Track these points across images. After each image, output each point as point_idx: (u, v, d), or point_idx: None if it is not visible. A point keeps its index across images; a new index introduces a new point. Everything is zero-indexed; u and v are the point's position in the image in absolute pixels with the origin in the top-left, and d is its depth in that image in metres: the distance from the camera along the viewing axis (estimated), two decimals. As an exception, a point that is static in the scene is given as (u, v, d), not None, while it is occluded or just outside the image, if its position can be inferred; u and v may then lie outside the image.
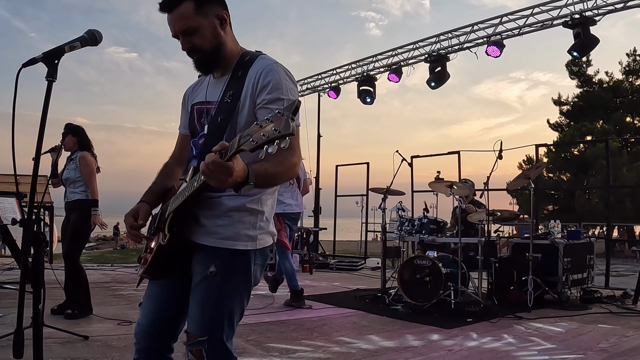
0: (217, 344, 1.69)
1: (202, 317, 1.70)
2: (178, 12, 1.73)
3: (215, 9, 1.78)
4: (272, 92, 1.68)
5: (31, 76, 4.40)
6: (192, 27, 1.73)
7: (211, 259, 1.71)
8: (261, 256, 1.80)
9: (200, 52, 1.77)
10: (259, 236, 1.77)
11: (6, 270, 7.30)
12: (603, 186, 15.18)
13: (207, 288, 1.71)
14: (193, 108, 1.90)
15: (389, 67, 10.79)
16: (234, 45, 1.85)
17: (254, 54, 1.84)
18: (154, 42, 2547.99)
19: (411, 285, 5.81)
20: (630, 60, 23.15)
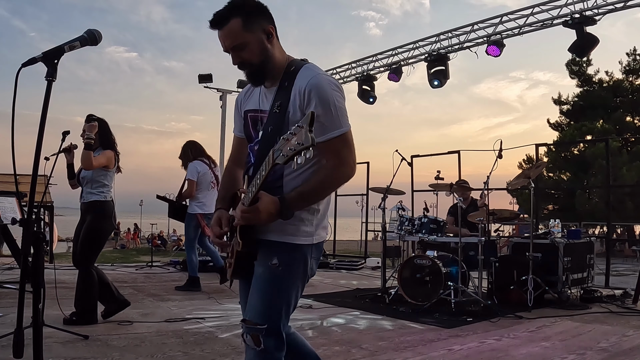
0: (274, 331, 1.82)
1: (262, 305, 1.83)
2: (227, 29, 1.83)
3: (262, 24, 1.87)
4: (319, 105, 1.78)
5: (31, 76, 4.38)
6: (241, 42, 1.83)
7: (274, 253, 1.85)
8: (317, 250, 1.96)
9: (250, 66, 1.87)
10: (316, 232, 1.93)
11: (6, 270, 7.30)
12: (603, 186, 15.18)
13: (268, 279, 1.85)
14: (247, 115, 2.02)
15: (388, 66, 10.78)
16: (281, 56, 1.94)
17: (299, 64, 1.92)
18: (154, 41, 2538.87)
19: (411, 284, 5.81)
20: (630, 60, 23.19)
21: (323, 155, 1.85)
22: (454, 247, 6.10)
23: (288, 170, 1.83)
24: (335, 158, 1.82)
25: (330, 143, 1.81)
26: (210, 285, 6.91)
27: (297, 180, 1.85)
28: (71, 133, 4.25)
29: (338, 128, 1.81)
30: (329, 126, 1.80)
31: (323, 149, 1.81)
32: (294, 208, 1.78)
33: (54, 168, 3.99)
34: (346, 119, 1.85)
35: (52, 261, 9.39)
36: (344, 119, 1.84)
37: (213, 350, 3.78)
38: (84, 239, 4.47)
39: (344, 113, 1.85)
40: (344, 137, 1.83)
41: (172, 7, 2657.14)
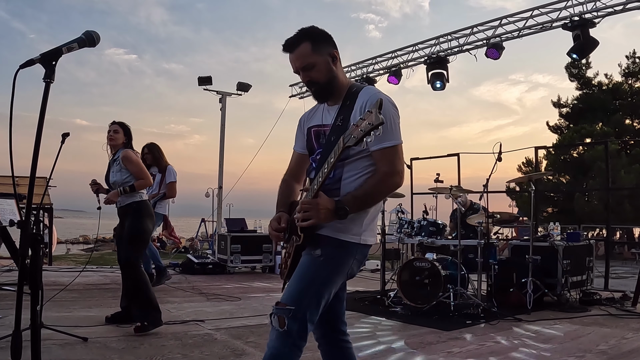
0: (300, 317, 1.90)
1: (295, 289, 1.95)
2: (298, 52, 2.07)
3: (328, 48, 2.11)
4: None
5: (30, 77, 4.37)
6: (310, 63, 2.07)
7: (320, 244, 1.99)
8: (361, 252, 2.09)
9: (317, 85, 2.11)
10: (364, 233, 2.06)
11: (5, 272, 7.29)
12: (602, 188, 15.17)
13: (308, 265, 1.98)
14: (310, 130, 2.23)
15: (388, 69, 10.80)
16: (344, 78, 2.18)
17: (360, 86, 2.15)
18: (154, 43, 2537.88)
19: (410, 287, 5.80)
20: (629, 63, 23.20)
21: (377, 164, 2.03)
22: (454, 249, 6.09)
23: (346, 174, 2.03)
24: (388, 166, 2.00)
25: (385, 151, 2.00)
26: (209, 288, 6.91)
27: (354, 184, 2.02)
28: (70, 135, 4.20)
29: (392, 140, 2.00)
30: (385, 137, 1.97)
31: (378, 157, 2.01)
32: (350, 209, 1.92)
33: (53, 170, 3.95)
34: (399, 135, 2.05)
35: (51, 263, 9.39)
36: (398, 133, 2.03)
37: (212, 352, 3.77)
38: (128, 241, 4.40)
39: (398, 128, 2.05)
40: (397, 148, 2.02)
41: (172, 9, 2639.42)
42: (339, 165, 2.01)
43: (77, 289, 6.62)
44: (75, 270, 8.62)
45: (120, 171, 4.50)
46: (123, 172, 4.49)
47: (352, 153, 2.01)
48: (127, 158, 4.51)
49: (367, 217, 2.07)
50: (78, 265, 10.52)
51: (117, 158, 4.58)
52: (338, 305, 2.22)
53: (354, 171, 2.04)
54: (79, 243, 28.58)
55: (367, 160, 2.04)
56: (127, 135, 4.69)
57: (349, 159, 2.03)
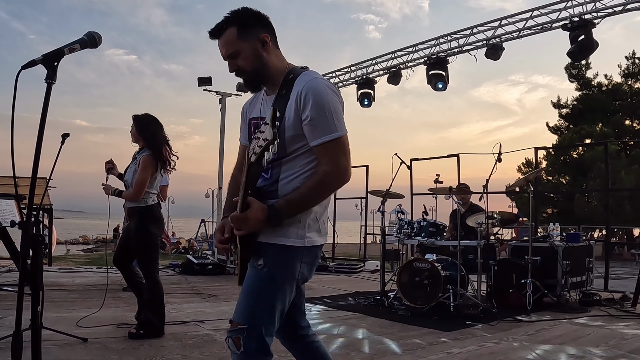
0: (255, 334, 1.79)
1: (244, 306, 1.82)
2: (223, 38, 1.90)
3: (257, 32, 1.91)
4: (314, 108, 1.80)
5: (31, 78, 4.37)
6: (235, 51, 1.90)
7: (261, 254, 1.84)
8: (309, 254, 1.91)
9: (245, 73, 1.93)
10: (307, 234, 1.87)
11: (5, 273, 7.29)
12: (602, 189, 15.18)
13: (253, 279, 1.84)
14: (250, 122, 2.05)
15: (388, 69, 10.80)
16: (279, 63, 1.96)
17: (298, 71, 1.94)
18: (154, 44, 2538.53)
19: (410, 288, 5.81)
20: (629, 63, 23.19)
21: (318, 161, 1.85)
22: (453, 250, 6.10)
23: (284, 174, 1.86)
24: (329, 163, 1.81)
25: (326, 147, 1.81)
26: (208, 288, 6.91)
27: (291, 185, 1.85)
28: (70, 135, 4.15)
29: (333, 132, 1.81)
30: (324, 130, 1.81)
31: (318, 153, 1.83)
32: (283, 216, 1.78)
33: (53, 170, 3.94)
34: (342, 124, 1.85)
35: (50, 264, 9.39)
36: (339, 123, 1.84)
37: (212, 353, 3.77)
38: (137, 251, 4.28)
39: (340, 117, 1.85)
40: (338, 141, 1.82)
41: (172, 10, 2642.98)
42: (275, 165, 1.86)
43: (76, 289, 6.63)
44: (75, 271, 8.63)
45: (134, 172, 4.29)
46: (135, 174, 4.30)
47: (290, 150, 1.84)
48: (142, 162, 4.25)
49: (310, 216, 1.88)
50: (78, 265, 10.51)
51: (137, 156, 4.37)
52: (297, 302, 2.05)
53: (293, 169, 1.86)
54: (78, 243, 28.58)
55: (308, 156, 1.85)
56: (139, 128, 4.36)
57: (287, 157, 1.86)
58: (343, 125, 1.85)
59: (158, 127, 4.41)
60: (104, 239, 28.39)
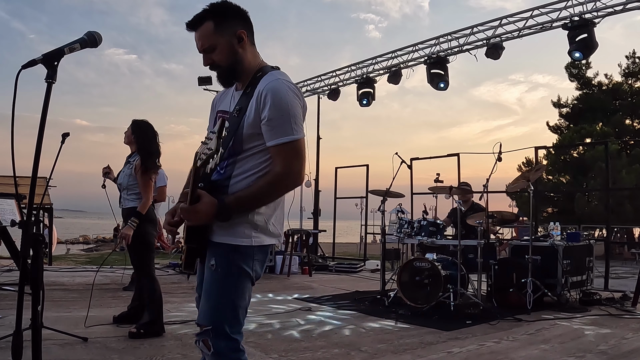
0: (221, 333, 1.81)
1: (206, 307, 1.86)
2: (200, 31, 1.90)
3: (234, 27, 1.91)
4: (273, 109, 1.80)
5: (31, 78, 4.36)
6: (211, 45, 1.89)
7: (213, 254, 1.86)
8: (260, 252, 1.91)
9: (219, 68, 1.93)
10: (256, 234, 1.88)
11: (5, 272, 7.29)
12: (602, 188, 15.17)
13: (210, 281, 1.87)
14: (217, 115, 2.05)
15: (388, 69, 10.80)
16: (253, 60, 1.97)
17: (266, 70, 1.94)
18: (154, 43, 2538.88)
19: (410, 287, 5.81)
20: (629, 63, 23.18)
21: (272, 161, 1.86)
22: (454, 249, 6.10)
23: (237, 171, 1.87)
24: (281, 164, 1.82)
25: (280, 148, 1.81)
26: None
27: (245, 182, 1.86)
28: (70, 135, 4.16)
29: (289, 134, 1.81)
30: (281, 131, 1.80)
31: (273, 153, 1.84)
32: (232, 212, 1.79)
33: (53, 170, 3.94)
34: (300, 127, 1.85)
35: (51, 263, 9.40)
36: (297, 126, 1.83)
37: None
38: (133, 251, 4.32)
39: (298, 121, 1.84)
40: (293, 144, 1.82)
41: (172, 9, 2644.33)
42: (230, 161, 1.87)
43: (77, 289, 6.63)
44: (75, 270, 8.63)
45: (130, 175, 4.37)
46: (131, 178, 4.36)
47: (246, 148, 1.85)
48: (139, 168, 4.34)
49: (258, 218, 1.88)
50: (78, 265, 10.51)
51: (131, 160, 4.44)
52: None
53: (247, 167, 1.86)
54: (78, 243, 28.60)
55: (264, 155, 1.86)
56: (136, 133, 4.47)
57: (241, 155, 1.86)
58: (301, 129, 1.85)
59: (154, 135, 4.50)
60: (104, 238, 28.41)
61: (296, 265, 9.58)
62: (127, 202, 4.43)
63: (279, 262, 9.26)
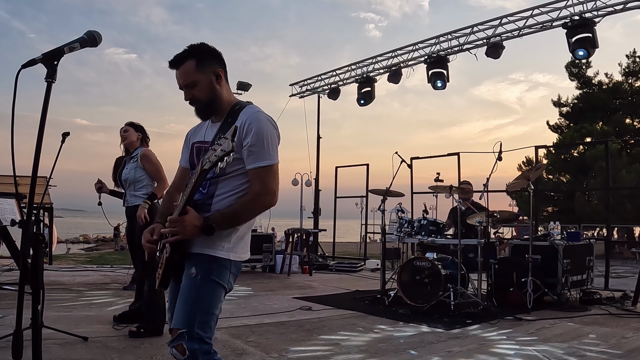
0: (195, 337, 1.92)
1: (183, 311, 1.95)
2: (182, 69, 2.09)
3: (213, 66, 2.12)
4: (254, 136, 2.01)
5: (31, 77, 4.35)
6: (192, 81, 2.08)
7: (193, 263, 2.00)
8: (235, 267, 2.08)
9: (199, 102, 2.11)
10: (233, 249, 2.05)
11: (6, 271, 7.29)
12: (602, 188, 15.17)
13: (189, 287, 1.99)
14: (193, 146, 2.24)
15: (388, 68, 10.80)
16: (228, 96, 2.19)
17: (244, 104, 2.16)
18: (154, 43, 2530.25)
19: (411, 286, 5.81)
20: (629, 62, 23.20)
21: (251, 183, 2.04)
22: (454, 249, 6.09)
23: (219, 191, 2.04)
24: (260, 185, 2.01)
25: (259, 171, 2.01)
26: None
27: (226, 201, 2.03)
28: (70, 134, 4.16)
29: (267, 159, 2.02)
30: (260, 156, 2.01)
31: (252, 175, 2.02)
32: (216, 227, 1.93)
33: (53, 169, 3.94)
34: (276, 154, 2.07)
35: (51, 263, 9.40)
36: (274, 153, 2.05)
37: (212, 352, 3.77)
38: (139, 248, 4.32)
39: (275, 148, 2.06)
40: (271, 168, 2.03)
41: (172, 8, 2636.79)
42: (212, 182, 2.04)
43: (77, 288, 6.63)
44: (75, 270, 8.63)
45: (135, 169, 4.41)
46: (138, 170, 4.40)
47: (228, 171, 2.02)
48: (147, 157, 4.44)
49: (236, 234, 2.06)
50: (78, 264, 10.52)
51: (134, 155, 4.49)
52: None
53: (228, 188, 2.05)
54: (79, 242, 28.63)
55: (243, 178, 2.05)
56: (140, 131, 4.64)
57: (224, 176, 2.04)
58: (276, 155, 2.07)
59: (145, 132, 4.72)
60: (104, 238, 28.42)
61: (296, 264, 9.58)
62: (133, 200, 4.41)
63: (279, 262, 9.27)
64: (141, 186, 4.41)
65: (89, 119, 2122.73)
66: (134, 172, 4.41)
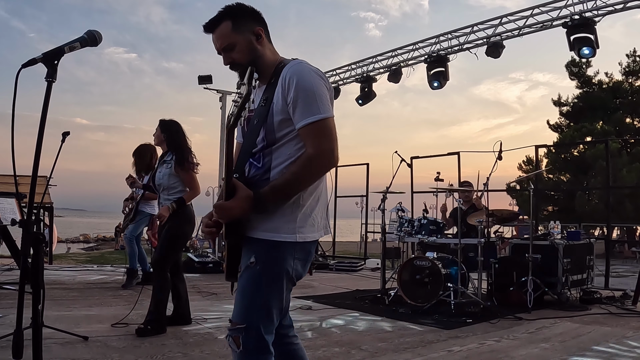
0: (253, 333, 1.79)
1: (241, 305, 1.84)
2: (218, 31, 1.93)
3: (251, 26, 1.94)
4: (297, 89, 1.79)
5: (31, 77, 4.36)
6: (230, 44, 1.91)
7: (252, 250, 1.83)
8: (302, 250, 1.87)
9: (240, 66, 1.91)
10: (300, 229, 1.84)
11: (6, 271, 7.30)
12: (603, 187, 15.17)
13: (247, 278, 1.84)
14: None
15: (388, 67, 10.80)
16: (272, 56, 1.99)
17: (287, 61, 1.94)
18: (154, 42, 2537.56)
19: (411, 286, 5.81)
20: (629, 61, 23.18)
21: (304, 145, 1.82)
22: (454, 248, 6.10)
23: (275, 162, 1.83)
24: (312, 146, 1.78)
25: (308, 129, 1.78)
26: (209, 286, 6.91)
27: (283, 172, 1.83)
28: (71, 134, 4.14)
29: (316, 114, 1.78)
30: (307, 111, 1.78)
31: (303, 135, 1.80)
32: (269, 201, 1.76)
33: (53, 169, 3.94)
34: (327, 107, 1.82)
35: (51, 262, 9.40)
36: (323, 106, 1.80)
37: (212, 351, 3.78)
38: (162, 244, 4.33)
39: (324, 100, 1.81)
40: (322, 123, 1.79)
41: (172, 8, 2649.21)
42: (266, 152, 1.84)
43: (77, 287, 6.64)
44: (76, 269, 8.64)
45: (169, 175, 4.40)
46: (172, 177, 4.39)
47: (279, 136, 1.82)
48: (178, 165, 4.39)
49: (302, 211, 1.85)
50: (78, 264, 10.52)
51: (167, 159, 4.47)
52: None
53: (283, 157, 1.83)
54: (79, 242, 28.64)
55: (298, 141, 1.83)
56: (165, 131, 4.53)
57: (276, 144, 1.84)
58: (327, 108, 1.82)
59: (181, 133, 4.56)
60: (104, 237, 28.44)
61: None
62: (167, 202, 4.42)
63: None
64: (175, 192, 4.43)
65: (89, 118, 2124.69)
66: (167, 179, 4.40)
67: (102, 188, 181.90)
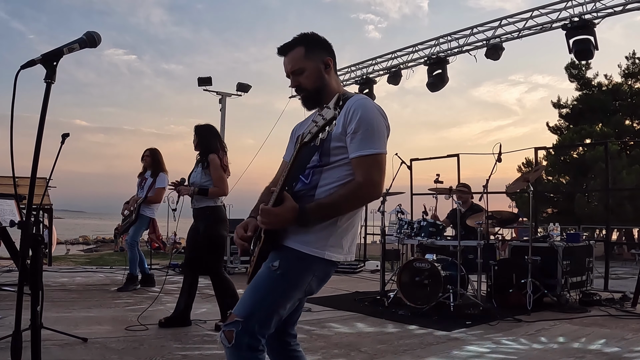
0: (250, 329, 1.81)
1: (249, 301, 1.86)
2: (290, 55, 2.05)
3: (322, 55, 2.07)
4: (359, 122, 1.89)
5: (30, 78, 4.35)
6: (300, 68, 2.03)
7: (278, 255, 1.89)
8: (323, 269, 1.97)
9: (305, 91, 2.05)
10: (329, 248, 1.92)
11: (5, 272, 7.29)
12: (602, 189, 15.18)
13: (264, 277, 1.88)
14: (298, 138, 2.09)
15: (388, 69, 10.81)
16: (337, 87, 2.10)
17: (350, 94, 2.05)
18: (153, 44, 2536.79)
19: (410, 288, 5.80)
20: (629, 63, 23.20)
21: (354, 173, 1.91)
22: (453, 250, 6.09)
23: (323, 182, 1.92)
24: (363, 175, 1.87)
25: (363, 160, 1.88)
26: (209, 288, 6.90)
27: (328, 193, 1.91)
28: (70, 135, 4.14)
29: (372, 148, 1.88)
30: (364, 144, 1.88)
31: (355, 164, 1.90)
32: (312, 218, 1.83)
33: (53, 170, 3.93)
34: (384, 143, 1.94)
35: (50, 264, 9.39)
36: (380, 141, 1.91)
37: (212, 353, 3.77)
38: (206, 246, 4.51)
39: (381, 137, 1.93)
40: (376, 157, 1.89)
41: (171, 9, 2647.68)
42: (316, 171, 1.93)
43: (76, 289, 6.63)
44: (75, 271, 8.63)
45: (202, 174, 4.60)
46: (204, 176, 4.58)
47: (333, 160, 1.92)
48: (212, 162, 4.59)
49: (337, 231, 1.93)
50: (78, 265, 10.51)
51: (204, 160, 4.66)
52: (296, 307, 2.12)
53: (332, 179, 1.93)
54: (78, 243, 28.60)
55: (348, 168, 1.93)
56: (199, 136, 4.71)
57: (328, 166, 1.94)
58: (384, 145, 1.94)
59: (213, 136, 4.77)
60: (103, 239, 28.39)
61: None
62: (200, 202, 4.59)
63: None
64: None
65: (89, 120, 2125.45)
66: (200, 177, 4.59)
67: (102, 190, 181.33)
